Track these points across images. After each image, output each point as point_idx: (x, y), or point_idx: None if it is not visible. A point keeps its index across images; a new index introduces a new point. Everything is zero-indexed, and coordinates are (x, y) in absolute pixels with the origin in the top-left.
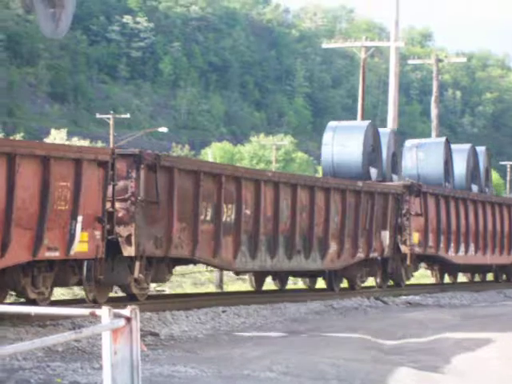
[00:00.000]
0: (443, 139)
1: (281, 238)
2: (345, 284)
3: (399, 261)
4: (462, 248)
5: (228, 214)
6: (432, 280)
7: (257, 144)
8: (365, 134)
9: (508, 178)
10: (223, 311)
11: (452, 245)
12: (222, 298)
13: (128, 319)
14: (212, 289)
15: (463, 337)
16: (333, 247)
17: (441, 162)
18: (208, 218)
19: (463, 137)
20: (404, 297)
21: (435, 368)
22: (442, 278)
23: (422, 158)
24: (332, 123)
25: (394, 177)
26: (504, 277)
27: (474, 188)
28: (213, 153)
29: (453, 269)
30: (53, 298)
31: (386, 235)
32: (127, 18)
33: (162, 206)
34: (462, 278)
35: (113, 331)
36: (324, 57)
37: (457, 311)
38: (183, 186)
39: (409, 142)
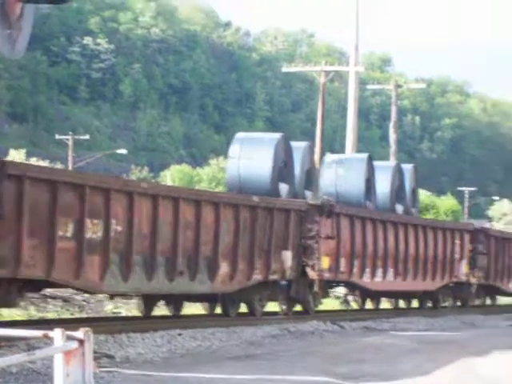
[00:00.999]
0: (365, 155)
1: (160, 258)
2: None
3: (306, 286)
4: (379, 273)
5: (94, 231)
6: (388, 305)
7: (216, 167)
8: (275, 148)
9: (466, 204)
10: (179, 334)
11: (367, 270)
12: (178, 321)
13: (81, 341)
14: (168, 311)
15: (419, 361)
16: (224, 268)
17: (362, 180)
18: (68, 234)
19: (422, 162)
20: (361, 322)
21: None
22: (363, 303)
23: (341, 174)
24: (240, 134)
25: (308, 194)
26: (430, 303)
27: (399, 208)
28: (171, 175)
29: (375, 294)
30: (8, 319)
31: (287, 256)
32: (87, 40)
33: (8, 220)
34: (414, 303)
35: (65, 353)
36: (284, 81)
37: (413, 336)
38: (36, 198)
39: (329, 157)
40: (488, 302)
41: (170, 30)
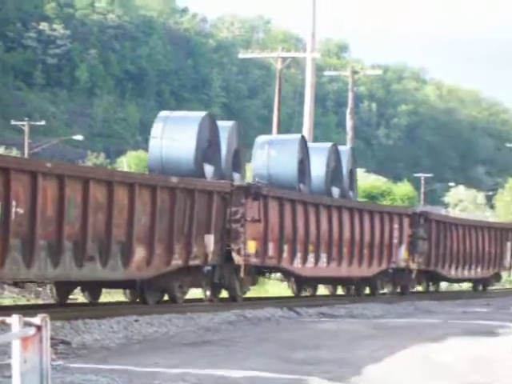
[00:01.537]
0: (298, 136)
1: (67, 243)
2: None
3: (232, 272)
4: (311, 259)
5: None
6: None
7: None
8: (199, 127)
9: (422, 190)
10: (136, 320)
11: (298, 255)
12: (134, 307)
13: (38, 327)
14: (125, 298)
15: (375, 347)
16: (139, 253)
17: (294, 162)
18: None
19: (378, 148)
20: (317, 308)
21: (346, 379)
22: (299, 290)
23: (273, 156)
24: (163, 113)
25: (236, 176)
26: (367, 290)
27: (336, 191)
28: (128, 161)
29: (310, 281)
30: None
31: (210, 240)
32: (43, 25)
33: None
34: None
35: (23, 339)
36: (241, 67)
37: (369, 322)
38: None
39: (260, 139)
40: (431, 288)
41: (127, 16)
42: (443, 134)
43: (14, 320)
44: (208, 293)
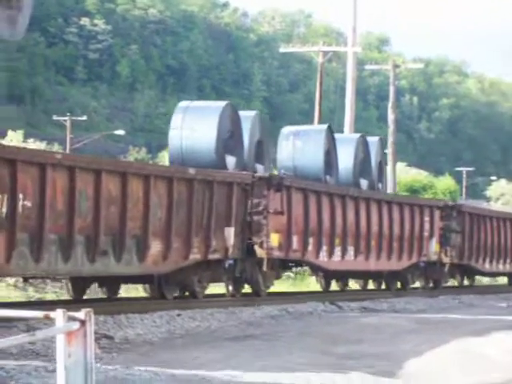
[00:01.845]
0: (324, 126)
1: (78, 236)
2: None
3: (255, 266)
4: (338, 252)
5: None
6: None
7: None
8: (220, 117)
9: (464, 184)
10: (178, 315)
11: (324, 248)
12: (177, 302)
13: (82, 322)
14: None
15: (418, 342)
16: (155, 247)
17: (320, 153)
18: None
19: (420, 142)
20: (359, 302)
21: (390, 373)
22: (327, 284)
23: (299, 147)
24: (183, 103)
25: (259, 167)
26: (399, 285)
27: (364, 183)
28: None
29: (340, 275)
30: (7, 300)
31: (230, 233)
32: (85, 20)
33: None
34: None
35: (67, 334)
36: (282, 61)
37: (412, 316)
38: None
39: (286, 129)
40: (466, 282)
41: (168, 11)
42: (485, 127)
43: (59, 314)
44: (230, 287)
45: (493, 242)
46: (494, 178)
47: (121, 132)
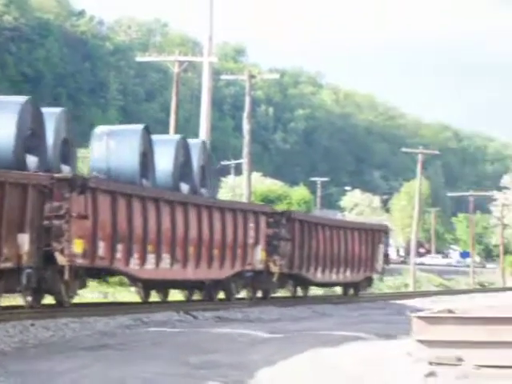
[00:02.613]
0: (141, 126)
1: None
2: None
3: (56, 274)
4: (152, 260)
5: None
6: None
7: None
8: (20, 114)
9: (318, 194)
10: (32, 324)
11: (135, 256)
12: (31, 311)
13: None
14: (20, 301)
15: (271, 351)
16: None
17: (136, 154)
18: None
19: (276, 153)
20: (214, 311)
21: (242, 382)
22: (146, 295)
23: (113, 148)
24: None
25: (65, 168)
26: (221, 294)
27: (185, 187)
28: None
29: (159, 285)
30: None
31: (24, 239)
32: None
33: None
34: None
35: None
36: (138, 70)
37: (265, 326)
38: None
39: (99, 129)
40: (300, 293)
41: (23, 18)
42: (339, 138)
43: None
44: (29, 298)
45: (325, 252)
46: (348, 188)
47: None
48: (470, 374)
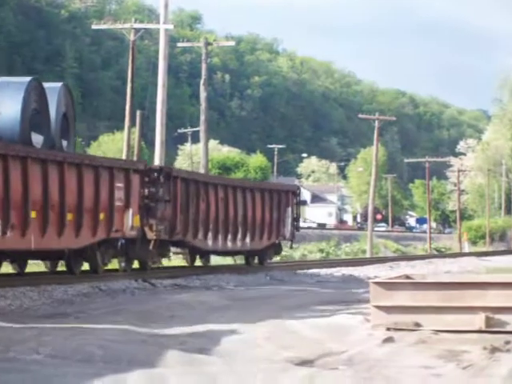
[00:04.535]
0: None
1: None
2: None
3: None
4: None
5: None
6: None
7: None
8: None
9: (275, 161)
10: None
11: None
12: None
13: None
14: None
15: (230, 318)
16: None
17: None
18: None
19: (232, 120)
20: (172, 279)
21: (203, 350)
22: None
23: None
24: None
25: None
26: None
27: (38, 139)
28: None
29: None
30: None
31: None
32: None
33: None
34: (229, 260)
35: None
36: (94, 38)
37: (224, 293)
38: None
39: None
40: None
41: None
42: (296, 105)
43: None
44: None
45: (218, 215)
46: (304, 155)
47: None
48: (428, 339)
